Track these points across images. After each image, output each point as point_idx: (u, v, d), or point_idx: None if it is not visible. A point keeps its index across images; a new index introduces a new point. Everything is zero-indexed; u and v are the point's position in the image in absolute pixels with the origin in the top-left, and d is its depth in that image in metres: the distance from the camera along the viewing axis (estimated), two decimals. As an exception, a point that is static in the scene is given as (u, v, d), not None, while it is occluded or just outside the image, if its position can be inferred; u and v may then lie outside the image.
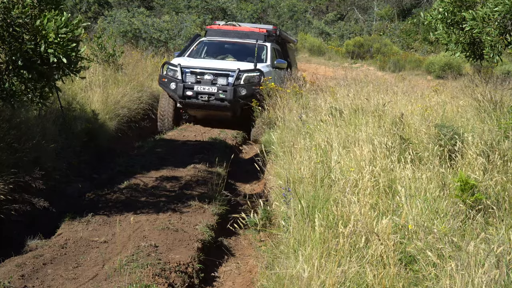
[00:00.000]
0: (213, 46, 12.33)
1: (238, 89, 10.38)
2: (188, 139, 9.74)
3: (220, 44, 12.41)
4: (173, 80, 10.53)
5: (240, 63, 11.12)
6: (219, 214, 6.06)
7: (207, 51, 12.21)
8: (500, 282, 3.22)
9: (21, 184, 5.45)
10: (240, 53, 11.87)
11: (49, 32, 4.89)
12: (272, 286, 3.90)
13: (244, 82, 10.49)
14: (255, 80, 10.51)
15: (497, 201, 4.47)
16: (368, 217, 4.21)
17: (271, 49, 12.01)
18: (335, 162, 5.43)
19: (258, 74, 10.58)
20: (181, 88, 10.37)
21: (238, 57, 11.71)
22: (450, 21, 6.36)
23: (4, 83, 5.11)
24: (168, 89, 10.63)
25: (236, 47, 12.20)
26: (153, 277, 4.23)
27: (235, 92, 10.35)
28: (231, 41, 12.29)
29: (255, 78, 10.54)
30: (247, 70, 10.63)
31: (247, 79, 10.51)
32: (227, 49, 12.29)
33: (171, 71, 10.75)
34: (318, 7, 40.46)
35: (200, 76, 10.56)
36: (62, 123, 7.68)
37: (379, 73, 20.64)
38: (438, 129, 5.90)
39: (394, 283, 3.54)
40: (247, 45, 12.00)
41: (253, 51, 11.47)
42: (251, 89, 10.37)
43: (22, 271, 4.38)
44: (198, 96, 10.40)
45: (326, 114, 7.75)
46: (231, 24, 13.33)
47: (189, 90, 10.39)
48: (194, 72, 10.61)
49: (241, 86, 10.42)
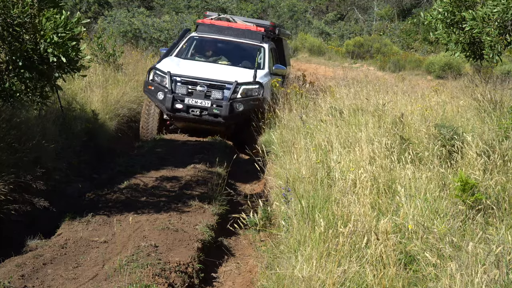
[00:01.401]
0: (204, 44, 11.12)
1: (235, 104, 9.23)
2: (188, 139, 9.73)
3: (213, 42, 11.19)
4: (160, 89, 9.37)
5: (236, 69, 10.02)
6: (219, 214, 6.06)
7: (198, 49, 10.99)
8: (500, 282, 3.22)
9: (21, 184, 5.45)
10: (235, 55, 10.77)
11: (48, 32, 4.89)
12: (272, 286, 3.90)
13: (242, 96, 9.34)
14: (254, 94, 9.42)
15: (497, 201, 4.47)
16: (368, 217, 4.22)
17: (269, 51, 10.87)
18: (335, 162, 5.43)
19: (257, 87, 9.48)
20: (170, 99, 9.19)
21: (232, 60, 10.62)
22: (450, 21, 6.37)
23: (4, 83, 5.11)
24: (154, 98, 9.48)
25: (230, 47, 11.03)
26: (153, 277, 4.23)
27: (232, 108, 9.20)
28: (225, 40, 11.07)
29: (254, 92, 9.44)
30: (245, 82, 9.45)
31: (245, 93, 9.37)
32: (220, 48, 11.12)
33: (158, 77, 9.54)
34: (318, 7, 40.46)
35: (192, 86, 9.38)
36: (62, 123, 7.68)
37: (379, 73, 20.64)
38: (438, 129, 5.90)
39: (394, 283, 3.54)
40: (243, 45, 10.91)
41: (250, 54, 10.52)
42: (250, 105, 9.29)
43: (22, 271, 4.38)
44: (189, 110, 9.26)
45: (326, 114, 7.75)
46: (225, 19, 11.87)
47: (179, 103, 9.24)
48: (186, 82, 9.43)
49: (238, 101, 9.26)
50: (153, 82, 9.54)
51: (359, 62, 26.81)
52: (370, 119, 7.05)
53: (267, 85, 9.87)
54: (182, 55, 10.66)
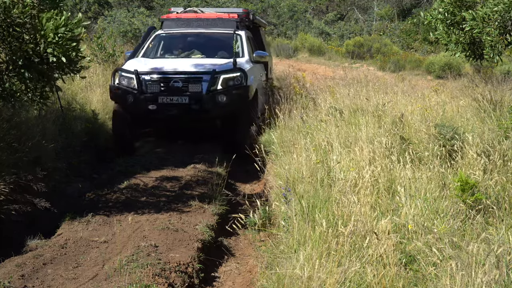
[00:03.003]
0: (172, 41, 10.05)
1: (216, 97, 8.21)
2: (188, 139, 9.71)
3: (182, 37, 10.12)
4: (129, 92, 8.27)
5: (212, 60, 8.98)
6: (219, 214, 6.06)
7: (166, 47, 9.92)
8: (500, 282, 3.22)
9: (21, 184, 5.45)
10: (209, 47, 9.68)
11: (48, 32, 4.89)
12: (272, 286, 3.90)
13: (223, 86, 8.29)
14: (236, 83, 8.39)
15: (497, 201, 4.47)
16: (368, 217, 4.22)
17: (246, 38, 9.76)
18: (335, 162, 5.43)
19: (239, 75, 8.43)
20: (141, 101, 8.14)
21: (206, 53, 9.55)
22: (450, 21, 6.37)
23: (4, 83, 5.11)
24: (123, 103, 8.39)
25: (202, 40, 9.93)
26: (153, 277, 4.23)
27: (213, 100, 8.18)
28: (195, 32, 10.05)
29: (236, 80, 8.41)
30: (224, 70, 8.42)
31: (225, 82, 8.32)
32: (191, 43, 10.00)
33: (125, 80, 8.41)
34: (318, 7, 40.45)
35: (164, 83, 8.27)
36: (62, 123, 7.68)
37: (379, 73, 20.63)
38: (438, 129, 5.91)
39: (394, 283, 3.54)
40: (216, 36, 9.84)
41: (225, 43, 9.43)
42: (233, 95, 8.29)
43: (22, 271, 4.38)
44: (164, 110, 8.18)
45: (326, 114, 7.76)
46: (192, 11, 10.92)
47: (152, 104, 8.16)
48: (157, 79, 8.30)
49: (219, 92, 8.24)
50: (119, 85, 8.46)
51: (359, 62, 26.80)
52: (370, 119, 7.05)
53: (251, 72, 8.92)
54: (150, 55, 9.63)
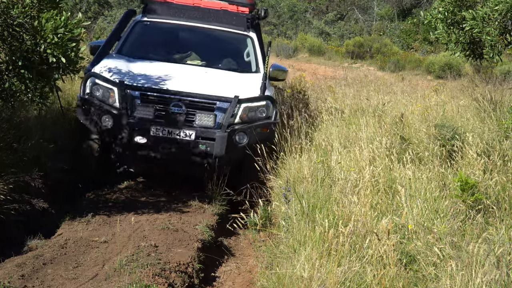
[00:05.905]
0: (160, 35, 7.29)
1: (235, 136, 5.88)
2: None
3: (172, 30, 7.31)
4: (106, 111, 5.81)
5: (228, 75, 6.57)
6: (219, 214, 6.06)
7: (151, 43, 7.18)
8: (500, 282, 3.22)
9: (21, 184, 5.45)
10: (209, 51, 7.19)
11: (48, 32, 4.89)
12: (272, 286, 3.90)
13: (242, 119, 5.95)
14: (260, 114, 6.05)
15: (497, 201, 4.48)
16: (368, 217, 4.22)
17: (259, 44, 7.19)
18: (335, 162, 5.43)
19: (265, 104, 6.08)
20: (123, 127, 5.75)
21: (206, 58, 7.03)
22: (450, 20, 6.37)
23: (4, 83, 5.11)
24: (94, 126, 5.92)
25: (199, 38, 7.32)
26: (153, 277, 4.23)
27: (230, 141, 5.85)
28: (191, 26, 7.24)
29: (261, 111, 6.05)
30: (248, 99, 6.02)
31: (246, 113, 5.97)
32: (185, 41, 7.38)
33: (100, 91, 5.90)
34: (318, 7, 40.46)
35: (161, 105, 5.85)
36: (62, 123, 7.67)
37: (379, 73, 20.63)
38: (438, 129, 5.91)
39: (394, 283, 3.54)
40: (221, 35, 7.24)
41: (233, 48, 7.25)
42: (258, 135, 5.89)
43: (22, 271, 4.38)
44: (159, 147, 5.85)
45: (326, 114, 7.76)
46: None
47: (140, 135, 5.79)
48: (151, 99, 5.86)
49: (240, 131, 5.89)
50: (91, 97, 5.93)
51: (359, 62, 26.81)
52: (370, 119, 7.05)
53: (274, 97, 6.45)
54: (129, 51, 6.90)
